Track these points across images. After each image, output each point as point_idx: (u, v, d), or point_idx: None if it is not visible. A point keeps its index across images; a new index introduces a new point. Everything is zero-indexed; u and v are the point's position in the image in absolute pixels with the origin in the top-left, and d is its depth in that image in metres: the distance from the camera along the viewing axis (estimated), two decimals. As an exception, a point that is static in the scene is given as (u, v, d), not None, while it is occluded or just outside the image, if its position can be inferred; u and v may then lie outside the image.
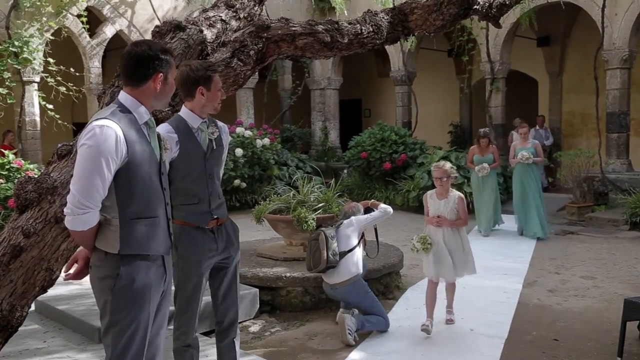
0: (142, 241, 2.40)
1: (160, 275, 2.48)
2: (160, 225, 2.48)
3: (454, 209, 4.82)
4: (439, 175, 4.85)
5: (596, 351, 4.32)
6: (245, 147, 11.46)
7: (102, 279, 2.39)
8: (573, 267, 6.86)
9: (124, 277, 2.35)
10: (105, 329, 2.40)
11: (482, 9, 3.88)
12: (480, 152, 8.84)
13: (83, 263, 2.52)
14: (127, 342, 2.37)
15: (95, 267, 2.42)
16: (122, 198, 2.37)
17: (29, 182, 2.93)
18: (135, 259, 2.38)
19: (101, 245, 2.39)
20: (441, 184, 4.86)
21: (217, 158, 3.19)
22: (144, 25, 12.30)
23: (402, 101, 14.43)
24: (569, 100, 14.61)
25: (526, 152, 8.46)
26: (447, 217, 4.80)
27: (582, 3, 11.09)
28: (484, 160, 8.71)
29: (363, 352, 4.36)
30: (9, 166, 7.58)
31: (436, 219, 4.80)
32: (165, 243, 2.51)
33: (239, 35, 3.58)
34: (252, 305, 5.11)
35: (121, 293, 2.35)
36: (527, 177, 8.55)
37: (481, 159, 8.73)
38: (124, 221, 2.37)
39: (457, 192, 4.94)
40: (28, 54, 10.37)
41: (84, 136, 2.32)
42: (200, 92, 3.02)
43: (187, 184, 3.08)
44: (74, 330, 4.55)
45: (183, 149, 3.04)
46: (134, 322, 2.37)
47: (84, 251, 2.52)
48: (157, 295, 2.47)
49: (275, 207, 5.82)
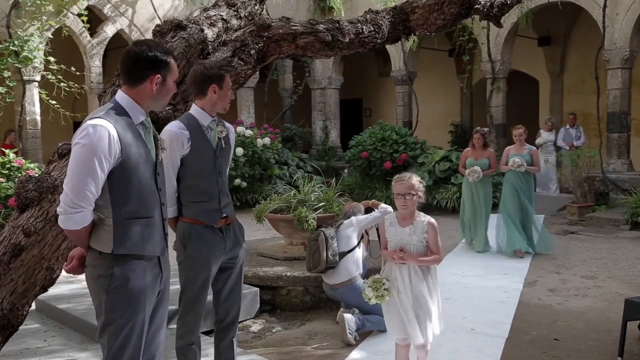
0: (136, 241, 2.39)
1: (155, 275, 2.47)
2: (156, 225, 2.47)
3: (422, 239, 3.49)
4: (402, 192, 3.48)
5: (597, 351, 4.31)
6: (245, 147, 11.46)
7: (97, 278, 2.38)
8: (574, 267, 6.86)
9: (117, 276, 2.35)
10: (101, 328, 2.40)
11: (483, 8, 3.88)
12: (473, 154, 7.64)
13: (77, 262, 2.52)
14: (123, 341, 2.36)
15: (90, 267, 2.42)
16: (116, 198, 2.36)
17: (30, 181, 2.93)
18: (129, 259, 2.38)
19: (95, 244, 2.39)
20: (404, 203, 3.48)
21: (225, 156, 3.23)
22: (145, 24, 12.30)
23: (403, 101, 14.43)
24: (569, 100, 14.61)
25: (519, 159, 7.26)
26: (414, 251, 3.49)
27: (583, 3, 11.08)
28: (478, 164, 7.50)
29: (363, 352, 4.35)
30: (10, 165, 7.58)
31: (399, 254, 3.46)
32: (160, 244, 2.50)
33: (239, 34, 3.58)
34: (253, 305, 5.11)
35: (115, 293, 2.35)
36: (521, 185, 7.37)
37: (474, 163, 7.54)
38: (118, 221, 2.36)
39: (426, 216, 3.57)
40: (28, 52, 10.37)
41: (78, 135, 2.31)
42: (213, 90, 3.06)
43: (197, 181, 3.11)
44: (74, 329, 4.55)
45: (194, 146, 3.07)
46: (129, 322, 2.36)
47: (79, 249, 2.52)
48: (152, 295, 2.46)
49: (275, 207, 5.82)
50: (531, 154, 7.42)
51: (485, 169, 7.51)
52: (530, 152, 7.46)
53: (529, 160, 7.33)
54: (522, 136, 7.47)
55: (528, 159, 7.34)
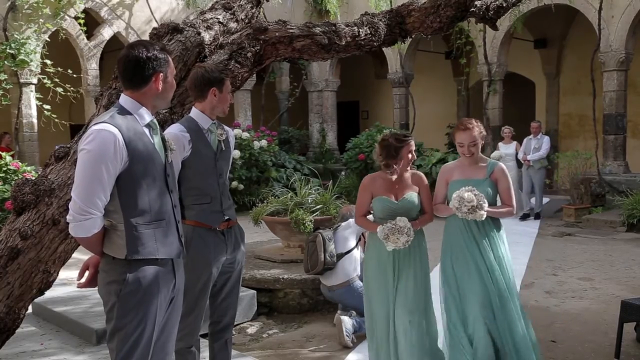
0: (150, 246, 2.35)
1: (168, 282, 2.43)
2: (169, 227, 2.44)
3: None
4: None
5: (593, 353, 4.32)
6: (242, 149, 11.46)
7: (109, 284, 2.35)
8: (570, 269, 6.87)
9: (130, 282, 2.31)
10: (110, 333, 2.37)
11: (479, 11, 3.90)
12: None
13: (94, 270, 2.48)
14: (132, 346, 2.34)
15: (103, 272, 2.39)
16: (126, 202, 2.32)
17: (26, 184, 2.93)
18: (142, 264, 2.34)
19: (108, 250, 2.36)
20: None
21: (226, 159, 3.24)
22: (142, 27, 12.30)
23: (400, 103, 14.45)
24: (566, 102, 14.66)
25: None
26: None
27: (579, 5, 11.13)
28: None
29: (360, 354, 4.35)
30: (6, 168, 7.56)
31: None
32: (175, 245, 2.46)
33: (236, 37, 3.58)
34: (250, 307, 5.10)
35: (128, 298, 2.31)
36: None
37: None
38: (129, 225, 2.32)
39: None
40: (25, 55, 10.36)
41: (84, 141, 2.28)
42: (213, 93, 3.07)
43: (198, 183, 3.11)
44: (71, 332, 4.54)
45: (195, 149, 3.08)
46: (139, 327, 2.34)
47: (94, 257, 2.47)
48: (165, 300, 2.42)
49: (272, 209, 5.82)
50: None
51: None
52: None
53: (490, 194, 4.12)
54: None
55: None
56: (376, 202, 3.61)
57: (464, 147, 3.62)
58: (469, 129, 3.60)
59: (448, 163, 3.97)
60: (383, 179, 3.62)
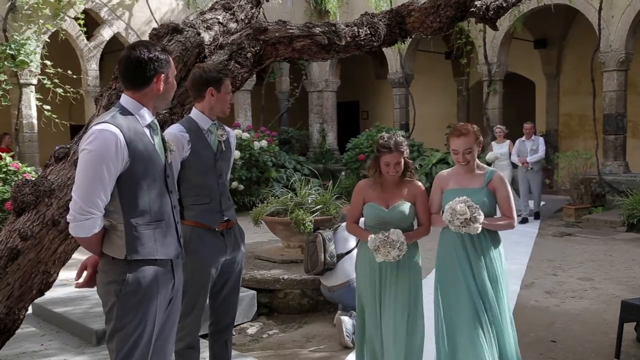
0: (149, 246, 2.36)
1: (167, 282, 2.43)
2: (168, 228, 2.44)
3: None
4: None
5: (594, 353, 4.32)
6: (242, 149, 11.46)
7: (109, 284, 2.35)
8: (570, 269, 6.87)
9: (130, 282, 2.32)
10: (110, 333, 2.37)
11: (479, 11, 3.90)
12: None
13: (92, 270, 2.48)
14: (132, 347, 2.34)
15: (102, 272, 2.39)
16: (126, 202, 2.33)
17: (26, 184, 2.93)
18: (142, 264, 2.34)
19: (108, 250, 2.36)
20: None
21: (226, 160, 3.24)
22: (142, 27, 12.29)
23: (400, 103, 14.46)
24: (566, 102, 14.66)
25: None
26: None
27: (579, 5, 11.13)
28: None
29: (361, 354, 4.35)
30: (6, 169, 7.56)
31: None
32: (174, 246, 2.47)
33: (236, 37, 3.58)
34: (250, 308, 5.10)
35: (127, 298, 2.32)
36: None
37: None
38: (129, 226, 2.33)
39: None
40: (25, 56, 10.36)
41: (85, 141, 2.29)
42: (210, 93, 3.08)
43: (198, 183, 3.12)
44: (71, 333, 4.54)
45: (194, 149, 3.08)
46: (139, 328, 2.34)
47: (93, 257, 2.48)
48: (164, 301, 2.43)
49: (272, 210, 5.82)
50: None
51: None
52: None
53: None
54: None
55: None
56: (367, 208, 3.48)
57: (459, 154, 3.37)
58: (464, 135, 3.35)
59: (443, 171, 3.67)
60: (377, 185, 3.46)
